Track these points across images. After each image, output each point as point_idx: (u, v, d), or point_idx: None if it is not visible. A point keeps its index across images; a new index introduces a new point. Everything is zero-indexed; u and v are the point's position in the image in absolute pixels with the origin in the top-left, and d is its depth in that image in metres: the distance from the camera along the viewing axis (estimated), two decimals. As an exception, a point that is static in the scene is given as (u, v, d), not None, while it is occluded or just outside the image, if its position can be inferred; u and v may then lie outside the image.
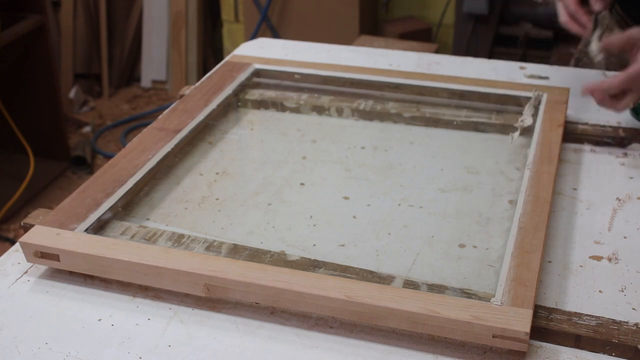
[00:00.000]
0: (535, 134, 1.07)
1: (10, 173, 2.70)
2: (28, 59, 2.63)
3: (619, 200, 1.00)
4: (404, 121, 1.20)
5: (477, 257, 0.90)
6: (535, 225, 0.87)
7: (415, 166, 1.09)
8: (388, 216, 0.98)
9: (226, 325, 0.80)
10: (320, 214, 0.99)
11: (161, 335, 0.79)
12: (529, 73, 1.36)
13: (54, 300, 0.84)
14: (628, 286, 0.85)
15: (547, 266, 0.88)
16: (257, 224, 0.97)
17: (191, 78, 3.32)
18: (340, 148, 1.14)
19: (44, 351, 0.76)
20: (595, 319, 0.77)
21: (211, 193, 1.04)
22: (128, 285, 0.85)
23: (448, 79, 1.24)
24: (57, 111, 2.72)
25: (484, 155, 1.11)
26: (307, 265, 0.85)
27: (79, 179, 2.78)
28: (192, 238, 0.91)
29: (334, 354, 0.76)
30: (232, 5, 3.23)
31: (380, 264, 0.89)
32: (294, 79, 1.30)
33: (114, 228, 0.92)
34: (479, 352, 0.76)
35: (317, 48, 1.50)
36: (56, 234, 0.86)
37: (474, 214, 0.98)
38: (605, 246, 0.92)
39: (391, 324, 0.76)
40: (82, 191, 0.95)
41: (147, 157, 1.03)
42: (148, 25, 3.30)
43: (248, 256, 0.87)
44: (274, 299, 0.79)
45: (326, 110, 1.24)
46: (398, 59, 1.44)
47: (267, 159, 1.12)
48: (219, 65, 1.33)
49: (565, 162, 1.09)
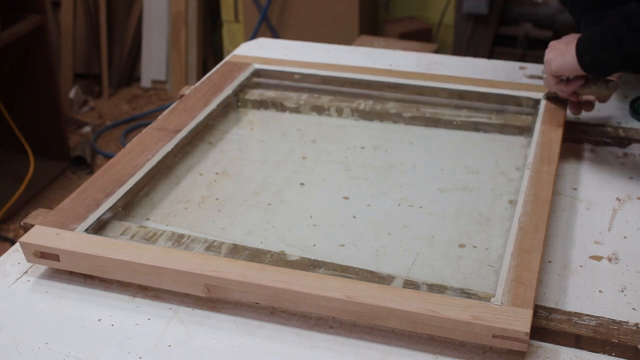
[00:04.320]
0: (535, 134, 1.07)
1: (10, 173, 2.70)
2: (28, 59, 2.63)
3: (619, 200, 1.00)
4: (404, 121, 1.20)
5: (477, 257, 0.90)
6: (535, 225, 0.87)
7: (415, 166, 1.09)
8: (388, 216, 0.98)
9: (226, 325, 0.80)
10: (320, 214, 0.99)
11: (161, 335, 0.79)
12: (529, 73, 1.36)
13: (54, 300, 0.84)
14: (628, 286, 0.85)
15: (547, 266, 0.88)
16: (257, 224, 0.97)
17: (191, 78, 3.31)
18: (340, 148, 1.14)
19: (44, 351, 0.76)
20: (595, 319, 0.77)
21: (211, 193, 1.04)
22: (128, 285, 0.85)
23: (448, 79, 1.24)
24: (57, 111, 2.72)
25: (484, 155, 1.11)
26: (307, 265, 0.85)
27: (79, 179, 2.78)
28: (192, 238, 0.91)
29: (333, 354, 0.76)
30: (232, 5, 3.23)
31: (380, 264, 0.89)
32: (293, 79, 1.30)
33: (114, 228, 0.92)
34: (479, 352, 0.76)
35: (317, 48, 1.50)
36: (56, 234, 0.86)
37: (473, 214, 0.98)
38: (605, 246, 0.92)
39: (391, 324, 0.76)
40: (82, 191, 0.95)
41: (147, 157, 1.03)
42: (148, 25, 3.30)
43: (248, 256, 0.87)
44: (273, 299, 0.79)
45: (326, 110, 1.24)
46: (398, 59, 1.44)
47: (267, 159, 1.12)
48: (219, 65, 1.33)
49: (565, 162, 1.09)
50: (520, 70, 1.37)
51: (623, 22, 0.95)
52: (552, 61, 1.06)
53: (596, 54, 0.99)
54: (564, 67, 1.04)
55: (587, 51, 1.00)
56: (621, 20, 0.95)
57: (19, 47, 2.58)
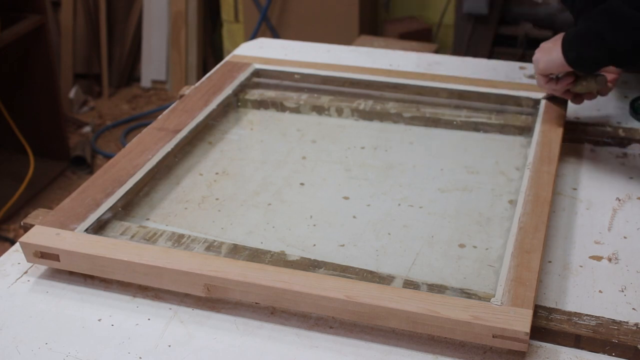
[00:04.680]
0: (535, 134, 1.07)
1: (10, 173, 2.70)
2: (28, 59, 2.63)
3: (619, 200, 1.00)
4: (404, 121, 1.20)
5: (477, 257, 0.90)
6: (535, 225, 0.87)
7: (415, 166, 1.09)
8: (388, 216, 0.98)
9: (226, 325, 0.80)
10: (320, 214, 0.99)
11: (161, 335, 0.79)
12: (529, 73, 1.36)
13: (54, 300, 0.84)
14: (628, 286, 0.85)
15: (547, 266, 0.88)
16: (257, 224, 0.97)
17: (191, 78, 3.31)
18: (340, 148, 1.14)
19: (44, 351, 0.76)
20: (595, 319, 0.77)
21: (211, 193, 1.04)
22: (128, 285, 0.85)
23: (448, 79, 1.24)
24: (57, 111, 2.72)
25: (483, 155, 1.11)
26: (307, 265, 0.85)
27: (79, 179, 2.78)
28: (192, 238, 0.91)
29: (333, 354, 0.76)
30: (232, 5, 3.23)
31: (380, 264, 0.89)
32: (293, 79, 1.30)
33: (114, 228, 0.92)
34: (479, 352, 0.76)
35: (317, 48, 1.50)
36: (56, 234, 0.86)
37: (473, 214, 0.98)
38: (605, 246, 0.92)
39: (391, 324, 0.76)
40: (82, 191, 0.95)
41: (147, 157, 1.03)
42: (148, 25, 3.30)
43: (248, 256, 0.87)
44: (274, 299, 0.79)
45: (326, 110, 1.23)
46: (398, 59, 1.44)
47: (267, 159, 1.12)
48: (219, 65, 1.33)
49: (565, 162, 1.09)
50: (520, 70, 1.37)
51: (605, 19, 0.96)
52: (540, 60, 1.07)
53: (581, 50, 1.00)
54: (551, 65, 1.05)
55: (572, 47, 1.01)
56: (603, 16, 0.96)
57: (19, 47, 2.58)
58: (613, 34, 0.95)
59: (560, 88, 1.09)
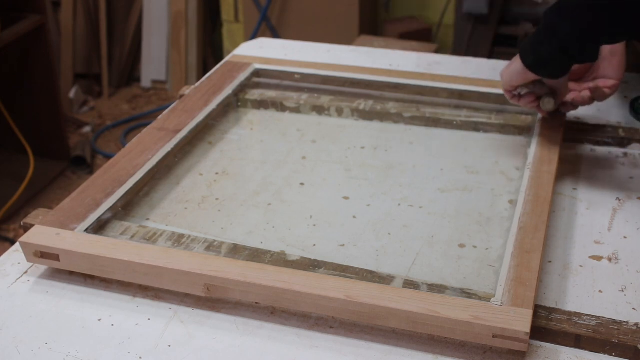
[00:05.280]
0: (535, 134, 1.07)
1: (10, 173, 2.70)
2: (28, 59, 2.63)
3: (619, 200, 1.00)
4: (404, 121, 1.20)
5: (477, 257, 0.90)
6: (535, 225, 0.87)
7: (415, 166, 1.09)
8: (388, 216, 0.98)
9: (226, 325, 0.80)
10: (320, 214, 0.99)
11: (161, 335, 0.79)
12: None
13: (54, 300, 0.84)
14: (628, 286, 0.85)
15: (547, 266, 0.88)
16: (257, 224, 0.97)
17: (191, 78, 3.32)
18: (340, 148, 1.14)
19: (44, 351, 0.76)
20: (595, 319, 0.77)
21: (211, 193, 1.04)
22: (128, 285, 0.85)
23: (448, 79, 1.24)
24: (57, 111, 2.72)
25: (483, 155, 1.11)
26: (307, 265, 0.85)
27: (79, 179, 2.78)
28: (192, 238, 0.91)
29: (333, 354, 0.76)
30: (232, 5, 3.23)
31: (380, 264, 0.89)
32: (294, 79, 1.30)
33: (114, 228, 0.92)
34: (479, 352, 0.76)
35: (317, 48, 1.50)
36: (56, 234, 0.86)
37: (474, 214, 0.98)
38: (605, 246, 0.92)
39: (391, 324, 0.76)
40: (82, 191, 0.95)
41: (147, 157, 1.03)
42: (148, 25, 3.30)
43: (248, 256, 0.87)
44: (274, 299, 0.79)
45: (326, 110, 1.24)
46: (398, 59, 1.44)
47: (267, 159, 1.12)
48: (219, 65, 1.33)
49: (565, 162, 1.09)
50: (520, 70, 1.37)
51: (555, 11, 0.92)
52: (503, 73, 1.03)
53: (536, 50, 0.96)
54: (513, 75, 1.01)
55: (529, 50, 0.97)
56: (553, 9, 0.93)
57: (19, 47, 2.58)
58: (561, 24, 0.91)
59: (524, 104, 1.06)
